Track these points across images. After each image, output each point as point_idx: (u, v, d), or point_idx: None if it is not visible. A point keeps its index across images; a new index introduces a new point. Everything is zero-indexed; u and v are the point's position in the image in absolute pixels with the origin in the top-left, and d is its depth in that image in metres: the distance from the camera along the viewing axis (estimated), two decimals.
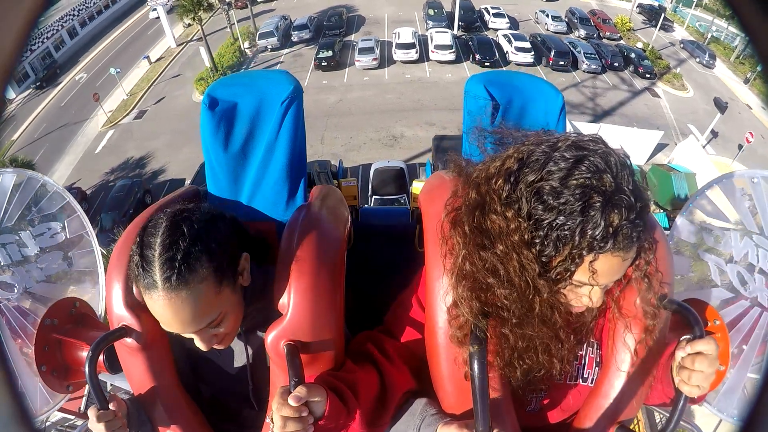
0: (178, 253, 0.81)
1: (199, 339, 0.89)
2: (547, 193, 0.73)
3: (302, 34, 24.40)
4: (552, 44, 22.02)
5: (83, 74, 24.36)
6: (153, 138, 18.61)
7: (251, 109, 1.14)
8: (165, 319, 0.84)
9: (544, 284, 0.77)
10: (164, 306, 0.82)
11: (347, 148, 16.79)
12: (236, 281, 0.92)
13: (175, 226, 0.84)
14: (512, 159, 0.79)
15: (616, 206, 0.70)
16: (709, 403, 1.08)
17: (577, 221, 0.70)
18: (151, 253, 0.81)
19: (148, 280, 0.81)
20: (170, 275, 0.80)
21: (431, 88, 20.24)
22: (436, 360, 0.91)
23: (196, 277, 0.82)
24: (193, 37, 25.40)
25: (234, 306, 0.92)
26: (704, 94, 21.03)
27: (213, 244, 0.86)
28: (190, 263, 0.82)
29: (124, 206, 14.44)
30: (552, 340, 0.84)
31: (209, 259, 0.85)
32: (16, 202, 1.22)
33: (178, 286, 0.81)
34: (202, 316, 0.86)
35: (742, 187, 1.20)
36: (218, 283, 0.86)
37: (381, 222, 1.60)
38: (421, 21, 25.93)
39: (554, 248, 0.73)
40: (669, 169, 14.07)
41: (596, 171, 0.71)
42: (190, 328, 0.86)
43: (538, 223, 0.74)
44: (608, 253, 0.72)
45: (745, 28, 0.46)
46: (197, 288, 0.83)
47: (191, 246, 0.83)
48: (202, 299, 0.84)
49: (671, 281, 0.93)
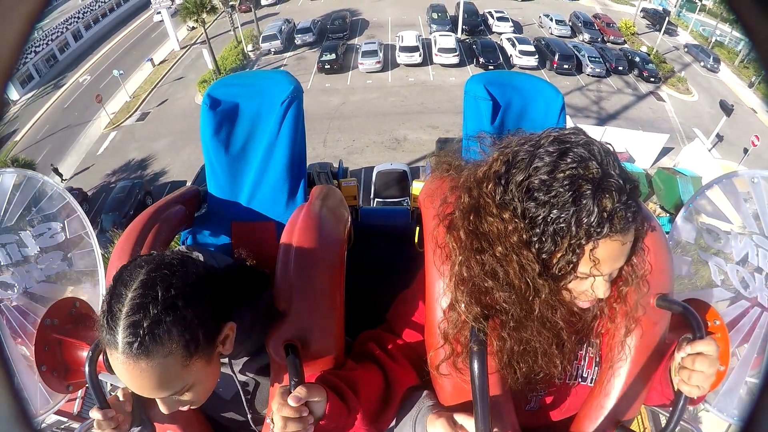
0: (145, 320, 0.71)
1: (161, 403, 0.81)
2: (536, 189, 0.73)
3: (305, 37, 24.50)
4: (556, 48, 22.03)
5: (87, 76, 24.54)
6: (155, 140, 18.70)
7: (251, 109, 1.14)
8: (123, 378, 0.76)
9: (544, 284, 0.77)
10: (122, 369, 0.73)
11: (350, 151, 16.80)
12: (214, 352, 0.82)
13: (150, 285, 0.73)
14: (499, 162, 0.80)
15: (607, 191, 0.71)
16: (709, 403, 1.08)
17: (571, 212, 0.71)
18: (118, 308, 0.72)
19: (109, 338, 0.72)
20: (132, 341, 0.71)
21: (435, 91, 20.27)
22: (436, 360, 0.91)
23: (161, 350, 0.73)
24: (197, 40, 25.55)
25: (205, 377, 0.82)
26: (709, 97, 21.00)
27: (190, 315, 0.76)
28: (155, 334, 0.72)
29: (124, 207, 14.45)
30: (551, 344, 0.83)
31: (180, 333, 0.74)
32: (16, 202, 1.22)
33: (138, 355, 0.71)
34: (161, 388, 0.77)
35: (742, 187, 1.20)
36: (188, 356, 0.76)
37: (381, 222, 1.60)
38: (424, 24, 26.00)
39: (553, 243, 0.73)
40: (674, 172, 13.94)
41: (581, 160, 0.72)
42: (148, 395, 0.78)
43: (533, 221, 0.74)
44: (607, 238, 0.72)
45: (746, 31, 0.46)
46: (160, 362, 0.73)
47: (162, 314, 0.72)
48: (164, 372, 0.75)
49: (671, 281, 0.93)
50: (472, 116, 1.19)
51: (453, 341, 0.85)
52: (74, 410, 1.30)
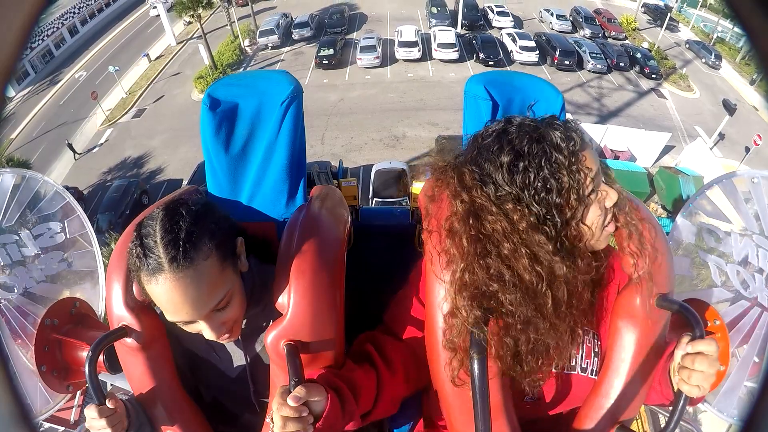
0: (180, 233, 0.81)
1: (208, 326, 0.87)
2: (514, 168, 0.80)
3: (303, 32, 24.37)
4: (557, 43, 21.92)
5: (83, 72, 24.36)
6: (151, 137, 18.52)
7: (252, 110, 1.14)
8: (173, 304, 0.82)
9: (561, 262, 0.79)
10: (172, 288, 0.80)
11: (348, 149, 16.71)
12: (236, 263, 0.92)
13: (173, 212, 0.84)
14: (469, 172, 0.85)
15: (555, 126, 0.82)
16: (709, 403, 1.09)
17: (548, 151, 0.78)
18: (152, 240, 0.80)
19: (153, 265, 0.79)
20: (176, 255, 0.79)
21: (434, 88, 20.16)
22: (436, 364, 0.91)
23: (201, 254, 0.82)
24: (194, 35, 25.37)
25: (238, 287, 0.91)
26: (711, 95, 20.94)
27: (212, 224, 0.87)
28: (193, 241, 0.81)
29: (120, 207, 14.25)
30: (566, 333, 0.84)
31: (210, 238, 0.85)
32: (16, 202, 1.22)
33: (184, 265, 0.80)
34: (210, 296, 0.84)
35: (742, 187, 1.20)
36: (222, 259, 0.86)
37: (381, 222, 1.59)
38: (423, 19, 25.88)
39: (557, 188, 0.78)
40: (676, 171, 13.86)
41: (515, 122, 0.85)
42: (199, 310, 0.84)
43: (533, 192, 0.78)
44: (587, 150, 0.81)
45: (744, 28, 0.46)
46: (203, 265, 0.82)
47: (192, 225, 0.83)
48: (208, 277, 0.83)
49: (671, 281, 0.93)
50: (472, 116, 1.18)
51: (454, 347, 0.85)
52: (72, 418, 1.30)
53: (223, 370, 1.06)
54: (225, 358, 1.05)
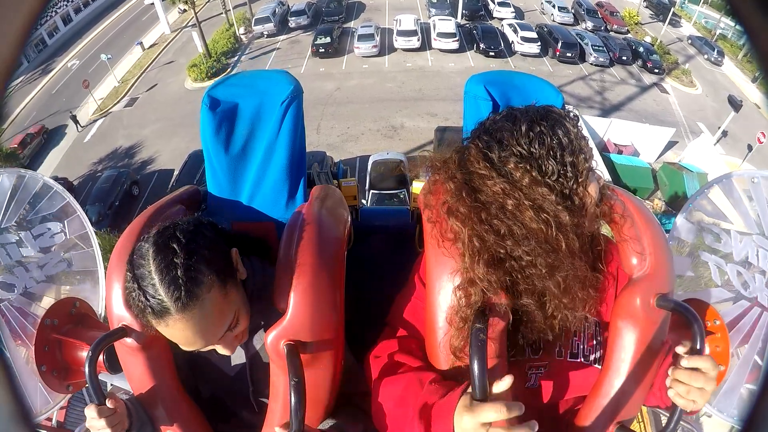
0: (178, 270, 0.79)
1: (223, 346, 0.90)
2: (528, 130, 0.82)
3: (300, 20, 24.00)
4: (559, 35, 21.65)
5: (75, 61, 23.95)
6: (143, 126, 18.17)
7: (252, 110, 1.13)
8: (185, 339, 0.84)
9: (564, 211, 0.80)
10: (183, 328, 0.81)
11: (344, 139, 16.55)
12: (236, 277, 0.92)
13: (164, 248, 0.81)
14: (476, 146, 0.86)
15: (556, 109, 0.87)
16: (709, 403, 1.10)
17: (559, 120, 0.83)
18: (149, 282, 0.79)
19: (157, 308, 0.79)
20: (179, 295, 0.78)
21: (433, 78, 19.94)
22: (433, 338, 0.91)
23: (204, 287, 0.82)
24: (188, 23, 24.90)
25: (242, 302, 0.93)
26: (713, 91, 20.77)
27: (206, 252, 0.85)
28: (192, 276, 0.80)
29: (110, 198, 13.87)
30: (588, 269, 0.86)
31: (208, 267, 0.84)
32: (15, 202, 1.21)
33: (189, 303, 0.79)
34: (220, 323, 0.86)
35: (742, 186, 1.20)
36: (223, 285, 0.86)
37: (381, 222, 1.59)
38: (423, 8, 25.52)
39: (570, 148, 0.81)
40: (680, 168, 13.72)
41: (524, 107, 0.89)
42: (213, 339, 0.87)
43: (547, 147, 0.80)
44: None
45: (744, 27, 0.45)
46: (207, 298, 0.82)
47: (187, 259, 0.81)
48: (215, 306, 0.84)
49: (671, 281, 0.93)
50: (472, 116, 1.17)
51: (465, 317, 0.83)
52: (53, 421, 1.30)
53: (222, 368, 1.07)
54: (224, 356, 1.05)
